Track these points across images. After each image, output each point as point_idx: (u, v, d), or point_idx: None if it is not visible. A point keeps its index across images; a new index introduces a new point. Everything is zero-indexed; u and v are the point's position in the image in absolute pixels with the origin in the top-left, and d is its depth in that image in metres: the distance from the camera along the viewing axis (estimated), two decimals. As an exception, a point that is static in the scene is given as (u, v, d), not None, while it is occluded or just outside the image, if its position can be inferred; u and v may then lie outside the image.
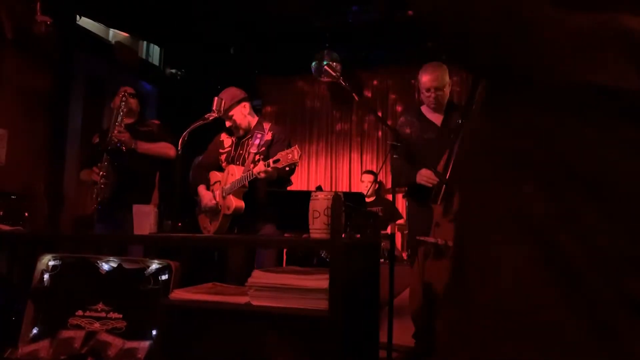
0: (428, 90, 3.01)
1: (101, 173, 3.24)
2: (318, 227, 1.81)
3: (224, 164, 3.16)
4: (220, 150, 3.21)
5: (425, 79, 3.04)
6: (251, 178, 2.84)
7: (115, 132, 3.28)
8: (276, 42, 5.66)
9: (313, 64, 5.48)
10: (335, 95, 6.34)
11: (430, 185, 2.73)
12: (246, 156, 3.07)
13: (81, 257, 2.20)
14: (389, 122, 6.13)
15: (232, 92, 3.15)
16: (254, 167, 2.82)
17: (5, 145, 4.03)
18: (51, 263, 2.22)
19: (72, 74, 4.69)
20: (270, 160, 2.67)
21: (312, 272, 1.77)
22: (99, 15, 5.05)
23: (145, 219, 2.22)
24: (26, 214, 3.54)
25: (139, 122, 3.56)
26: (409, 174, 2.87)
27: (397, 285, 4.00)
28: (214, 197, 3.04)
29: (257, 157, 3.02)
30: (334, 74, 2.57)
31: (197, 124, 2.82)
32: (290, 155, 2.61)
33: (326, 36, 5.30)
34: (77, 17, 4.68)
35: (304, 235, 1.90)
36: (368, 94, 6.30)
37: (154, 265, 2.09)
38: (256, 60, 6.10)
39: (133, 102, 3.50)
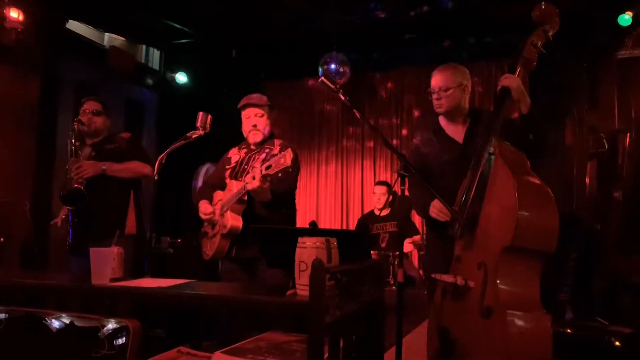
0: (433, 92, 2.59)
1: (62, 217, 2.95)
2: (305, 282, 1.44)
3: (227, 180, 2.89)
4: (226, 166, 2.96)
5: (432, 78, 2.62)
6: (245, 190, 2.55)
7: (73, 172, 2.94)
8: (281, 43, 5.31)
9: (320, 68, 5.14)
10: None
11: (443, 220, 2.33)
12: (250, 171, 2.78)
13: (29, 311, 1.86)
14: (404, 131, 5.73)
15: (265, 97, 2.97)
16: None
17: (-13, 162, 3.76)
18: (-4, 317, 1.89)
19: (61, 82, 4.40)
20: (263, 167, 2.38)
21: (294, 349, 1.39)
22: (93, 19, 4.76)
23: (105, 264, 1.87)
24: (1, 239, 3.24)
25: (105, 140, 3.22)
26: (425, 204, 2.47)
27: (413, 315, 3.60)
28: (213, 212, 2.79)
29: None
30: (332, 86, 2.18)
31: (178, 144, 2.48)
32: (282, 159, 2.30)
33: (334, 36, 4.91)
34: (67, 21, 4.38)
35: (289, 292, 1.52)
36: (382, 97, 5.89)
37: (110, 325, 1.73)
38: (260, 62, 5.76)
39: (98, 121, 3.17)
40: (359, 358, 1.46)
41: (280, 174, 2.35)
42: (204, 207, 2.84)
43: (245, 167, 2.86)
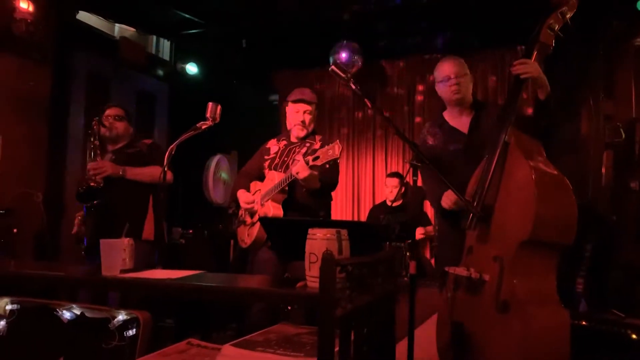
0: (448, 79, 2.57)
1: (78, 217, 2.95)
2: (316, 274, 1.41)
3: (266, 171, 2.91)
4: (265, 157, 2.97)
5: (442, 67, 2.61)
6: (290, 179, 2.56)
7: (90, 172, 2.91)
8: (292, 33, 5.25)
9: (330, 57, 5.08)
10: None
11: (457, 210, 2.29)
12: (290, 163, 2.83)
13: (41, 302, 1.87)
14: (416, 120, 5.65)
15: (315, 95, 3.01)
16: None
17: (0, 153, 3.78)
18: (8, 307, 1.90)
19: (72, 74, 4.40)
20: (310, 157, 2.38)
21: (304, 341, 1.37)
22: (103, 10, 4.74)
23: (115, 255, 1.86)
24: (15, 230, 3.26)
25: (127, 145, 3.20)
26: (439, 195, 2.43)
27: (425, 308, 3.56)
28: (254, 201, 2.81)
29: None
30: (342, 75, 2.14)
31: (187, 135, 2.45)
32: (331, 150, 2.30)
33: (344, 25, 4.84)
34: (77, 12, 4.37)
35: (299, 284, 1.50)
36: (394, 86, 5.81)
37: (121, 317, 1.73)
38: (271, 52, 5.71)
39: (120, 126, 3.15)
40: (370, 350, 1.44)
41: (327, 165, 2.35)
42: (245, 197, 2.85)
43: (285, 159, 2.87)
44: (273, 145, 3.00)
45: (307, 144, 2.85)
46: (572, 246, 2.27)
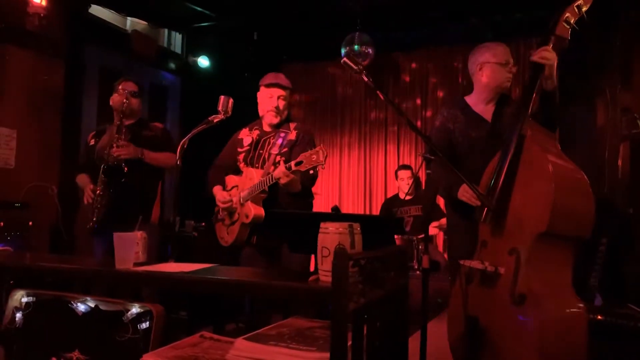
0: (508, 63, 2.48)
1: (98, 192, 2.96)
2: (328, 268, 1.41)
3: (241, 165, 2.84)
4: (239, 149, 2.88)
5: (501, 50, 2.51)
6: (271, 182, 2.51)
7: (114, 148, 2.95)
8: (304, 25, 5.22)
9: (342, 49, 5.04)
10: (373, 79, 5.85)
11: (474, 204, 2.25)
12: (266, 157, 2.75)
13: (56, 294, 1.89)
14: (428, 112, 5.60)
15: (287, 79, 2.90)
16: (274, 170, 2.50)
17: (14, 147, 3.81)
18: (24, 300, 1.92)
19: (84, 67, 4.43)
20: (292, 163, 2.34)
21: (317, 335, 1.37)
22: (115, 3, 4.75)
23: (128, 249, 1.87)
24: (30, 224, 3.30)
25: (140, 124, 3.21)
26: (451, 186, 2.39)
27: (437, 300, 3.55)
28: (231, 200, 2.75)
29: (277, 158, 2.70)
30: (355, 67, 2.12)
31: (199, 128, 2.46)
32: (315, 156, 2.25)
33: (357, 17, 4.80)
34: (89, 6, 4.39)
35: (311, 278, 1.49)
36: (406, 78, 5.76)
37: (134, 310, 1.74)
38: (282, 44, 5.68)
39: (135, 102, 3.15)
40: (383, 344, 1.43)
41: (311, 171, 2.32)
42: (221, 195, 2.80)
43: (261, 151, 2.79)
44: (246, 136, 2.89)
45: (282, 134, 2.75)
46: (588, 240, 2.24)
